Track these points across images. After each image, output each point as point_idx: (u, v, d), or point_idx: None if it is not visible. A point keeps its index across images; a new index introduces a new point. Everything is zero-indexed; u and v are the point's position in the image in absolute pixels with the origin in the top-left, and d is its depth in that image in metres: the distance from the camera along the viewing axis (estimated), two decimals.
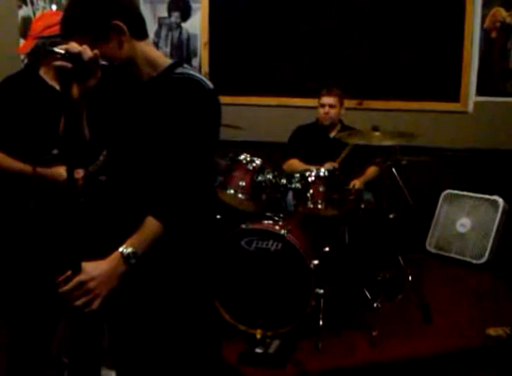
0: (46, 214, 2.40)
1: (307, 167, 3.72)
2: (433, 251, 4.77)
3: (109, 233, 1.73)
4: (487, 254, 4.47)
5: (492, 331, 3.24)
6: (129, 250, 1.54)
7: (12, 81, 2.47)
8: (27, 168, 2.37)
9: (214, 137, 1.71)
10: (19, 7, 3.99)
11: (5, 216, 2.48)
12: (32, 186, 2.35)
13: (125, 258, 1.54)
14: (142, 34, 1.68)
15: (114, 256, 1.54)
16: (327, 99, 4.01)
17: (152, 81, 1.70)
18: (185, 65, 1.74)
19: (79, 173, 2.42)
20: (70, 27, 1.59)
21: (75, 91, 1.52)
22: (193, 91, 1.67)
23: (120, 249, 1.54)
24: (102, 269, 1.53)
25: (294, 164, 3.99)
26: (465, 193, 4.73)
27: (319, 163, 3.70)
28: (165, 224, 1.58)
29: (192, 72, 1.71)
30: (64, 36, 1.58)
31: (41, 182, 2.37)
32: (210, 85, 1.69)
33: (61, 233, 2.30)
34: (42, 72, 2.46)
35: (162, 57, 1.74)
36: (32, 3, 4.11)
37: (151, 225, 1.57)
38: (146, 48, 1.69)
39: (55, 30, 2.33)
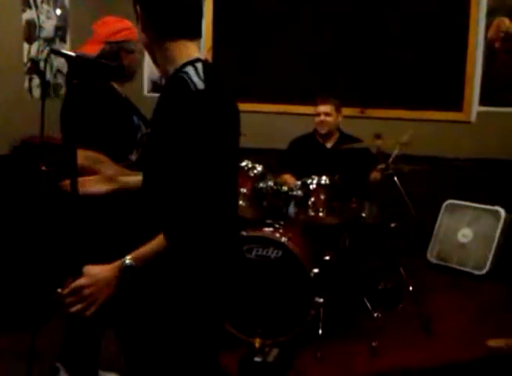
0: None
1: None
2: (434, 261, 4.75)
3: (122, 240, 1.69)
4: (488, 264, 4.45)
5: (492, 343, 3.22)
6: (130, 262, 1.51)
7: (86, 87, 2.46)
8: None
9: (214, 144, 1.50)
10: (23, 10, 3.98)
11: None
12: None
13: (123, 270, 1.51)
14: (170, 33, 1.60)
15: (116, 265, 1.52)
16: (323, 108, 3.97)
17: (166, 81, 1.63)
18: (196, 63, 1.58)
19: None
20: None
21: None
22: (177, 93, 1.52)
23: (123, 259, 1.51)
24: (101, 276, 1.50)
25: (287, 180, 3.85)
26: (466, 203, 4.72)
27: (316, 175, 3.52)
28: (172, 243, 1.51)
29: (188, 70, 1.55)
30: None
31: None
32: (200, 85, 1.50)
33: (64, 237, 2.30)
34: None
35: (184, 56, 1.60)
36: (36, 6, 4.10)
37: (158, 241, 1.51)
38: (172, 46, 1.60)
39: (122, 35, 2.41)
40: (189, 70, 1.55)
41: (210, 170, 1.49)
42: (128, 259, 1.51)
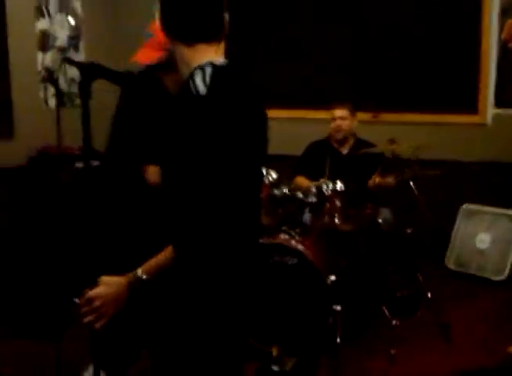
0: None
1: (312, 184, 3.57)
2: (452, 268, 4.67)
3: (138, 249, 1.69)
4: (507, 270, 4.38)
5: None
6: (141, 275, 1.51)
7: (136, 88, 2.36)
8: None
9: (219, 150, 1.46)
10: (37, 20, 4.01)
11: None
12: None
13: (135, 282, 1.51)
14: (187, 38, 1.58)
15: (127, 277, 1.52)
16: (339, 112, 3.95)
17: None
18: (207, 67, 1.53)
19: None
20: None
21: None
22: (181, 97, 1.52)
23: (134, 272, 1.52)
24: (112, 288, 1.51)
25: (302, 182, 3.84)
26: (484, 207, 4.65)
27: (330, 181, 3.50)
28: (179, 255, 1.49)
29: (195, 74, 1.52)
30: None
31: None
32: (202, 90, 1.47)
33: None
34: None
35: (197, 60, 1.57)
36: (50, 16, 4.13)
37: (168, 253, 1.51)
38: (188, 50, 1.59)
39: None
40: (197, 73, 1.52)
41: (211, 177, 1.45)
42: (139, 272, 1.52)
